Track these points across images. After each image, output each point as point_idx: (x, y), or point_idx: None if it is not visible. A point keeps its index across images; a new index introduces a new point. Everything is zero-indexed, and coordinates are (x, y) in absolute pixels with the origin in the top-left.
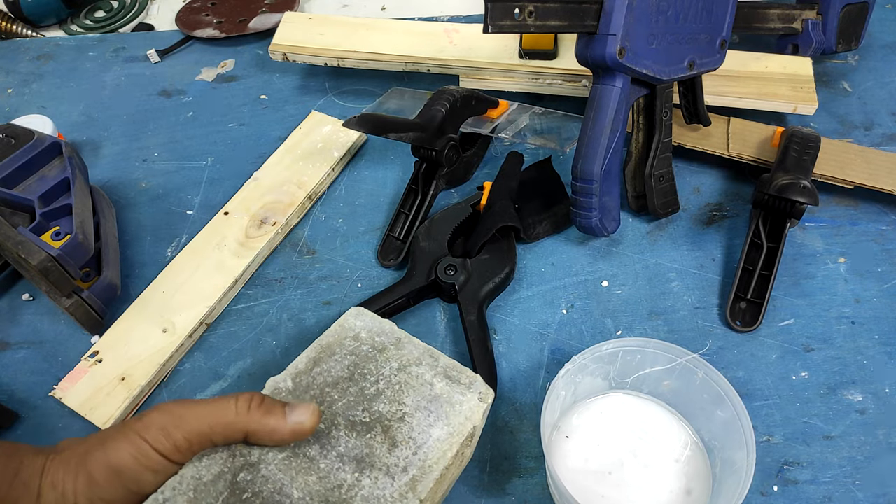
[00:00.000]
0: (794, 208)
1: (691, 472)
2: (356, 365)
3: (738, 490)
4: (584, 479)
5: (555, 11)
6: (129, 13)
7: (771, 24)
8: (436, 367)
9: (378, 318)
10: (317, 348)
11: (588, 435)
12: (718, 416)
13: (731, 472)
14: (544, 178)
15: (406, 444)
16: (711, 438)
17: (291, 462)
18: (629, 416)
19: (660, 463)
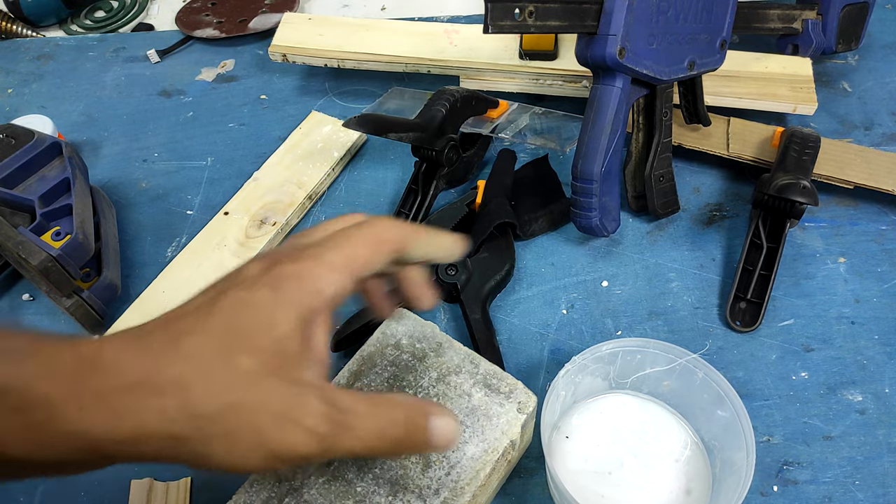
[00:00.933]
0: (794, 208)
1: (691, 472)
2: (395, 377)
3: (737, 490)
4: (584, 480)
5: (555, 12)
6: (129, 13)
7: (771, 25)
8: (475, 374)
9: (420, 320)
10: (359, 360)
11: (588, 435)
12: (718, 417)
13: (731, 472)
14: (541, 176)
15: (439, 463)
16: (711, 438)
17: (331, 486)
18: (629, 416)
19: (660, 463)
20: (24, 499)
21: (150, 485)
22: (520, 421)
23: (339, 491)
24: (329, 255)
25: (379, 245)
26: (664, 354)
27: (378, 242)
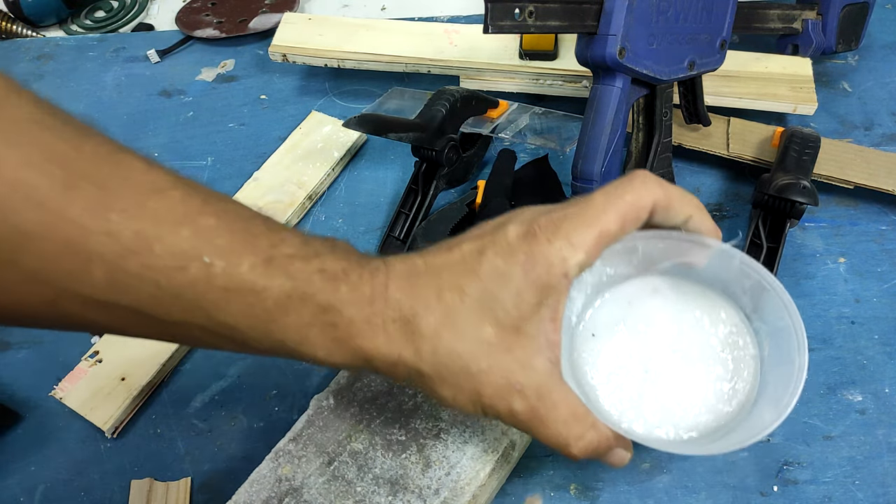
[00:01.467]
0: (794, 208)
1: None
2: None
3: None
4: (618, 380)
5: (555, 12)
6: (129, 13)
7: (771, 25)
8: None
9: None
10: None
11: (617, 329)
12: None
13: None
14: (541, 176)
15: (439, 463)
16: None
17: (331, 486)
18: (663, 302)
19: (701, 352)
20: (25, 499)
21: (150, 485)
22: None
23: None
24: (582, 232)
25: (636, 214)
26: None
27: (636, 211)
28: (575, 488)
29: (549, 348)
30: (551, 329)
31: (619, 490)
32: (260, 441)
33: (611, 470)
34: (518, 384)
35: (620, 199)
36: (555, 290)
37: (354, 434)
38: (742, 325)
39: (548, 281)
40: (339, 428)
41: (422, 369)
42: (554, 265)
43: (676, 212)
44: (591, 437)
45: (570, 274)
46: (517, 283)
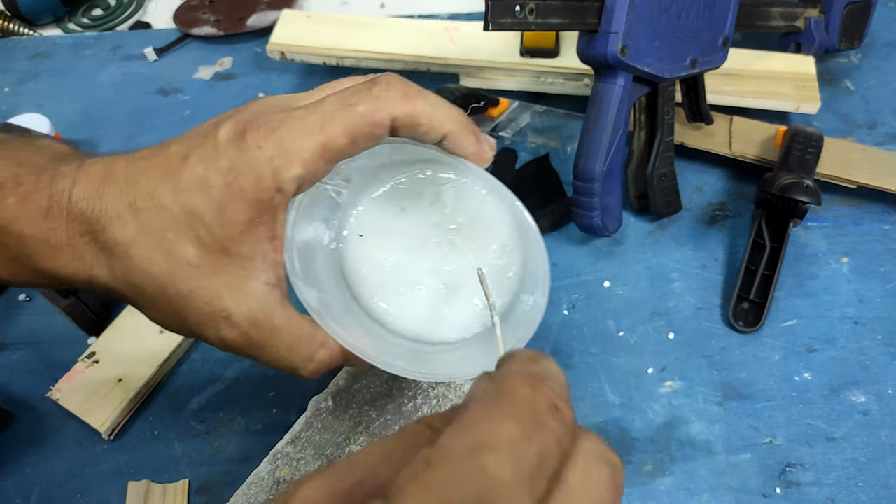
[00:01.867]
0: (797, 208)
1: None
2: (395, 378)
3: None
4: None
5: (556, 9)
6: (127, 11)
7: (773, 23)
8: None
9: None
10: None
11: (388, 229)
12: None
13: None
14: (542, 175)
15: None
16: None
17: None
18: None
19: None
20: (20, 501)
21: (147, 487)
22: None
23: None
24: (300, 141)
25: (369, 130)
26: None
27: (369, 126)
28: None
29: (267, 269)
30: (270, 248)
31: None
32: (258, 443)
33: None
34: (224, 311)
35: (352, 110)
36: (270, 205)
37: (353, 436)
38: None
39: (258, 196)
40: (338, 430)
41: (118, 289)
42: (263, 178)
43: (427, 129)
44: (322, 357)
45: (285, 188)
46: (219, 195)
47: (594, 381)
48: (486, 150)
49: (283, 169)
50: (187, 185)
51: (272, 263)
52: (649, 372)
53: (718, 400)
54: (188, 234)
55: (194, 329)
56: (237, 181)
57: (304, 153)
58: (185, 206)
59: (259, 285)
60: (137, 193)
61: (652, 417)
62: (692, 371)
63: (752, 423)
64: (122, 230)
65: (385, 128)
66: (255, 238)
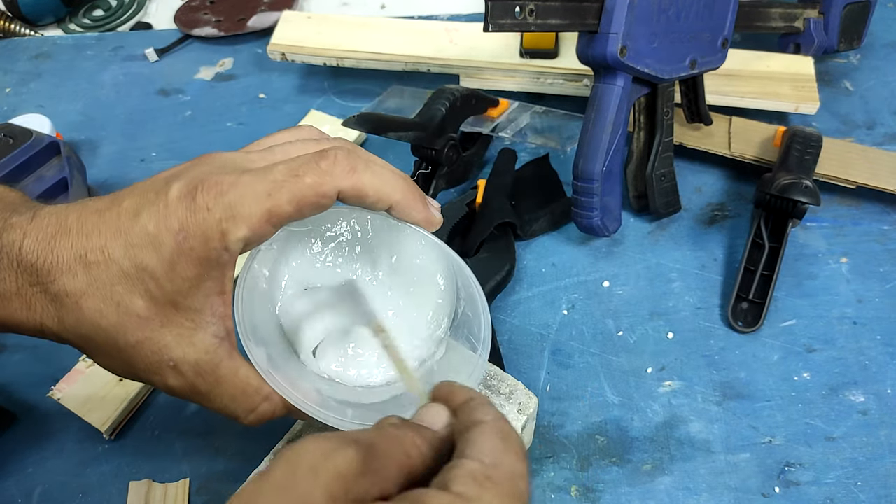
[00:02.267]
0: (796, 208)
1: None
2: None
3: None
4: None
5: (556, 10)
6: (128, 12)
7: (773, 23)
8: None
9: None
10: None
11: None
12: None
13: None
14: (542, 175)
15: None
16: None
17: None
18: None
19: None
20: (22, 501)
21: (149, 486)
22: (520, 422)
23: None
24: (249, 206)
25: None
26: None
27: (315, 197)
28: (576, 490)
29: (216, 322)
30: (219, 302)
31: (620, 492)
32: (258, 443)
33: (612, 472)
34: (171, 361)
35: (299, 181)
36: (218, 263)
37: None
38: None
39: (206, 254)
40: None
41: (68, 339)
42: (212, 238)
43: (374, 200)
44: (264, 410)
45: (231, 248)
46: (170, 254)
47: (594, 380)
48: (434, 215)
49: (230, 231)
50: (138, 241)
51: (221, 316)
52: (648, 371)
53: (717, 400)
54: (138, 288)
55: (142, 376)
56: (187, 241)
57: (251, 218)
58: (136, 261)
59: (207, 337)
60: (89, 247)
61: (651, 417)
62: (691, 371)
63: (752, 423)
64: (73, 282)
65: (331, 198)
66: (204, 293)
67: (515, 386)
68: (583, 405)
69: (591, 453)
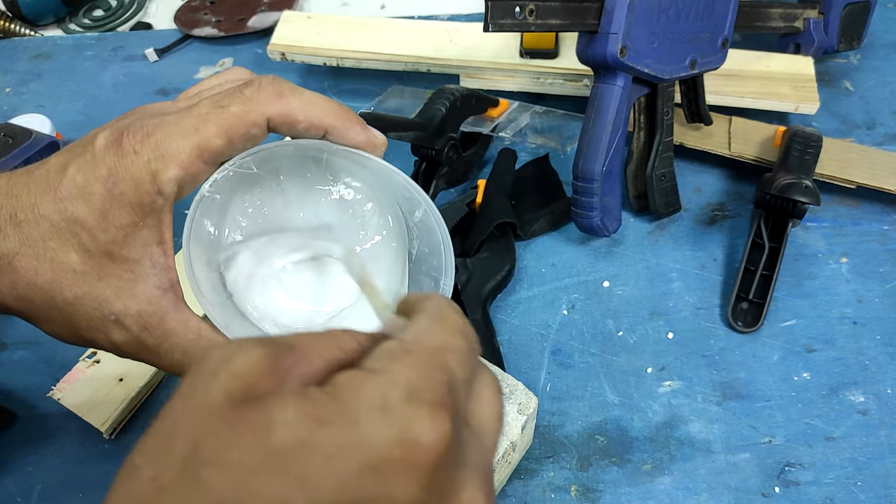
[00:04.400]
0: (796, 208)
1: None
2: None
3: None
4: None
5: (556, 10)
6: (128, 12)
7: (773, 24)
8: None
9: None
10: None
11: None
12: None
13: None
14: (541, 175)
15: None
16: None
17: None
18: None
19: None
20: (22, 500)
21: None
22: (520, 422)
23: None
24: (176, 143)
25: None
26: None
27: (244, 126)
28: (576, 490)
29: (157, 273)
30: (159, 252)
31: (620, 492)
32: None
33: (612, 472)
34: (113, 315)
35: (224, 111)
36: (153, 209)
37: None
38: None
39: (139, 200)
40: None
41: (7, 303)
42: (142, 181)
43: (306, 126)
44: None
45: (164, 191)
46: (100, 202)
47: (594, 380)
48: (377, 135)
49: (161, 171)
50: (67, 194)
51: (162, 267)
52: (648, 371)
53: (717, 399)
54: (71, 241)
55: (86, 335)
56: (117, 186)
57: (180, 155)
58: (66, 214)
59: (148, 288)
60: (18, 207)
61: (651, 417)
62: (691, 371)
63: (751, 423)
64: (4, 243)
65: (261, 127)
66: (142, 242)
67: (515, 386)
68: (583, 405)
69: (591, 453)
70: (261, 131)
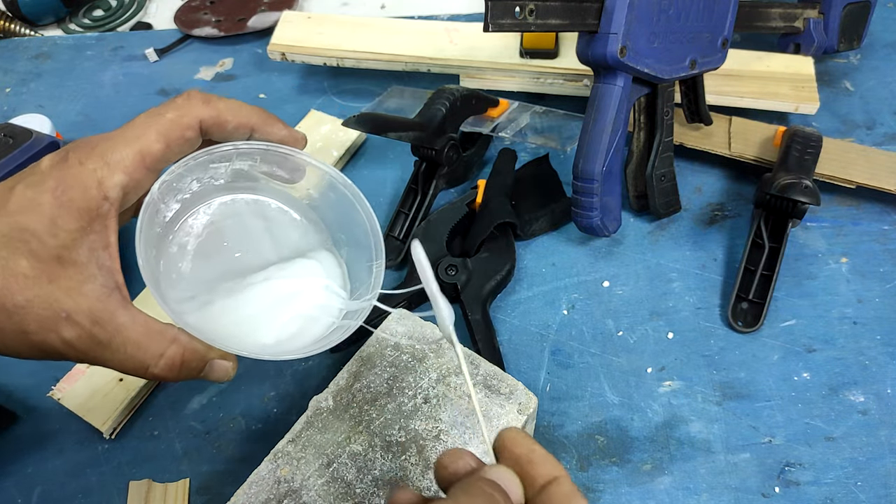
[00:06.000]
0: (796, 208)
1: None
2: (395, 378)
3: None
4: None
5: (556, 10)
6: (128, 12)
7: (772, 23)
8: (475, 375)
9: (420, 320)
10: (358, 361)
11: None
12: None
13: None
14: (541, 175)
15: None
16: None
17: (330, 487)
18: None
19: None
20: (22, 500)
21: (149, 486)
22: (520, 422)
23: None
24: (119, 151)
25: (180, 134)
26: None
27: (179, 130)
28: None
29: (104, 275)
30: (105, 256)
31: (620, 492)
32: (258, 443)
33: (612, 472)
34: (64, 311)
35: (161, 118)
36: (99, 214)
37: (354, 435)
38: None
39: (86, 205)
40: (339, 429)
41: None
42: (89, 188)
43: (235, 126)
44: (174, 353)
45: (111, 196)
46: (49, 210)
47: (594, 380)
48: (297, 131)
49: (106, 178)
50: (16, 208)
51: (108, 270)
52: (648, 371)
53: (717, 399)
54: (21, 249)
55: (37, 339)
56: (65, 194)
57: (124, 161)
58: (17, 225)
59: (97, 287)
60: None
61: (651, 417)
62: (691, 371)
63: (751, 423)
64: None
65: (195, 130)
66: (89, 246)
67: (515, 386)
68: (583, 405)
69: (591, 453)
70: (195, 134)
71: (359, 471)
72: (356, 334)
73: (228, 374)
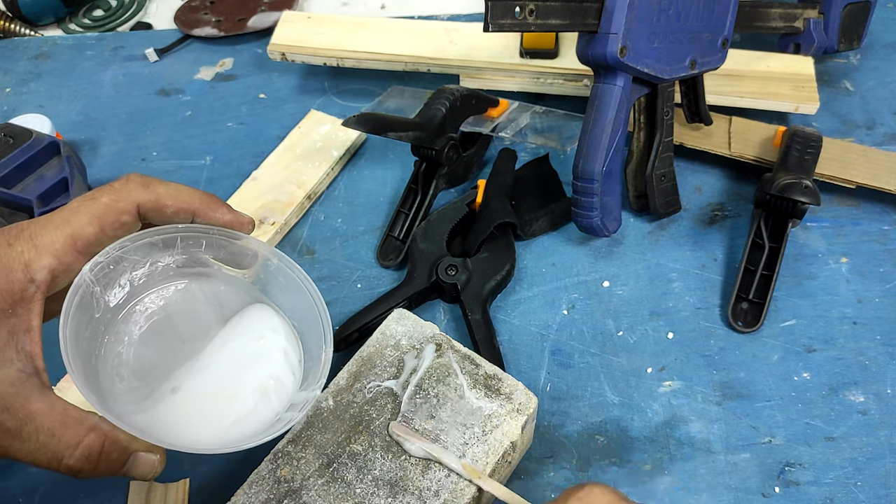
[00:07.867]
0: (796, 208)
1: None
2: (396, 378)
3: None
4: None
5: (556, 10)
6: (128, 12)
7: (773, 24)
8: (476, 375)
9: (420, 320)
10: (358, 361)
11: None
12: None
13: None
14: (542, 175)
15: (439, 465)
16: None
17: (330, 487)
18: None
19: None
20: (24, 500)
21: (149, 486)
22: (520, 422)
23: (338, 493)
24: (49, 234)
25: (115, 218)
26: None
27: (115, 214)
28: None
29: (22, 359)
30: (27, 339)
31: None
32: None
33: (612, 472)
34: None
35: (95, 202)
36: (24, 297)
37: (354, 436)
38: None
39: (9, 287)
40: (339, 429)
41: None
42: (14, 270)
43: (175, 210)
44: (91, 442)
45: (38, 279)
46: None
47: (594, 380)
48: (243, 215)
49: (33, 261)
50: None
51: (28, 354)
52: (648, 371)
53: (717, 399)
54: None
55: None
56: None
57: (54, 245)
58: None
59: (12, 372)
60: None
61: (651, 417)
62: (691, 371)
63: (751, 423)
64: None
65: (131, 214)
66: (9, 329)
67: (515, 386)
68: (583, 405)
69: (591, 453)
70: (132, 218)
71: (359, 471)
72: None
73: (155, 470)
